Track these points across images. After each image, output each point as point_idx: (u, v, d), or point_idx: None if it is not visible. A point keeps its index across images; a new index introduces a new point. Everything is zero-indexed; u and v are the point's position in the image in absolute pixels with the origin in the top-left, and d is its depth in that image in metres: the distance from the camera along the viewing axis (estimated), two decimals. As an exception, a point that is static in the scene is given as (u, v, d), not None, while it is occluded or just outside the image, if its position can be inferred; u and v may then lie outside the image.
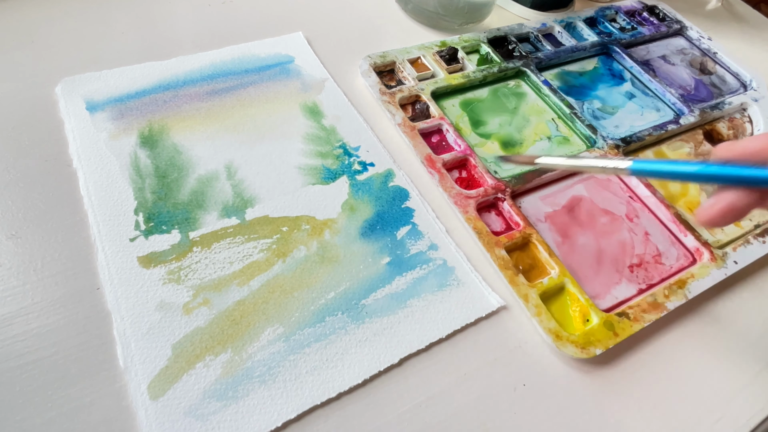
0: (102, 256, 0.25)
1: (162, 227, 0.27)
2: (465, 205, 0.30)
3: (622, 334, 0.26)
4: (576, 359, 0.25)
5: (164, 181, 0.29)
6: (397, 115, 0.34)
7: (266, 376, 0.23)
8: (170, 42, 0.36)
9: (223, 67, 0.35)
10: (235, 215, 0.28)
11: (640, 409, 0.24)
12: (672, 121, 0.38)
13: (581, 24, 0.45)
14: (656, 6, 0.49)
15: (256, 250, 0.27)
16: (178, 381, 0.22)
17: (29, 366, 0.22)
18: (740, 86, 0.43)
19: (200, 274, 0.25)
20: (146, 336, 0.23)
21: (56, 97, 0.31)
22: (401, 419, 0.23)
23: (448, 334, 0.25)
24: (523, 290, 0.27)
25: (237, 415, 0.22)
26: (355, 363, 0.24)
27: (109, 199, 0.27)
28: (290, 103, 0.34)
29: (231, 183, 0.29)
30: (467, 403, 0.23)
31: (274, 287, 0.25)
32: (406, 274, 0.27)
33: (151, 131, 0.31)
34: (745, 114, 0.40)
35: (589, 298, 0.27)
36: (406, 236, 0.28)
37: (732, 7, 0.52)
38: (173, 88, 0.33)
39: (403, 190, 0.31)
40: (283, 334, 0.24)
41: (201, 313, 0.24)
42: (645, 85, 0.41)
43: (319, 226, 0.28)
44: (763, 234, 0.32)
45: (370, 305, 0.26)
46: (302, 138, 0.32)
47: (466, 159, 0.33)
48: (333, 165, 0.31)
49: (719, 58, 0.45)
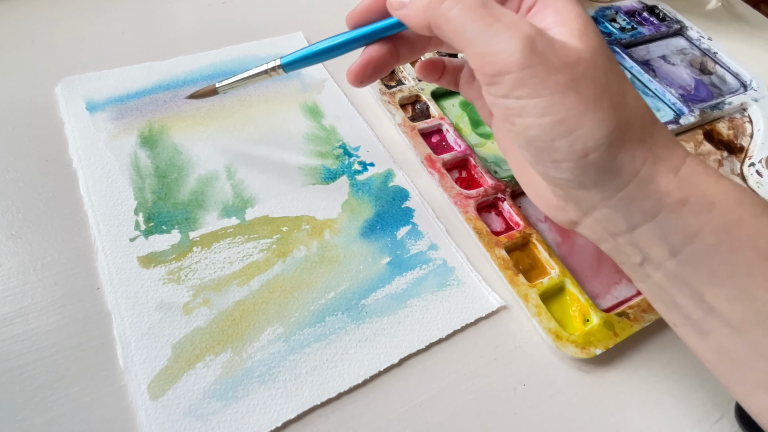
0: (102, 256, 0.25)
1: (162, 227, 0.27)
2: (465, 205, 0.30)
3: (622, 334, 0.26)
4: (576, 359, 0.25)
5: (164, 181, 0.29)
6: (397, 115, 0.34)
7: (266, 376, 0.23)
8: (170, 42, 0.36)
9: (223, 67, 0.35)
10: (235, 215, 0.28)
11: (640, 409, 0.24)
12: (672, 121, 0.38)
13: (581, 24, 0.45)
14: (656, 6, 0.49)
15: (256, 250, 0.27)
16: (178, 381, 0.22)
17: (29, 366, 0.22)
18: (740, 86, 0.43)
19: (200, 274, 0.25)
20: (146, 336, 0.23)
21: (56, 97, 0.31)
22: (401, 419, 0.23)
23: (448, 334, 0.25)
24: (523, 290, 0.27)
25: (237, 415, 0.22)
26: (355, 363, 0.24)
27: (109, 199, 0.27)
28: (290, 103, 0.34)
29: (231, 183, 0.29)
30: (467, 403, 0.23)
31: (274, 287, 0.25)
32: (406, 274, 0.27)
33: (151, 131, 0.31)
34: (745, 114, 0.40)
35: (589, 298, 0.27)
36: (406, 236, 0.28)
37: (732, 7, 0.52)
38: (173, 88, 0.33)
39: (403, 190, 0.31)
40: (283, 334, 0.24)
41: (201, 313, 0.24)
42: (645, 85, 0.41)
43: (319, 226, 0.28)
44: (763, 234, 0.32)
45: (370, 305, 0.26)
46: (302, 138, 0.32)
47: (466, 159, 0.33)
48: (333, 165, 0.31)
49: (719, 58, 0.45)
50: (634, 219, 0.20)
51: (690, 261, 0.19)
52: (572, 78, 0.18)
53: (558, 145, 0.19)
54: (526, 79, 0.18)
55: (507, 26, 0.18)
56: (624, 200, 0.19)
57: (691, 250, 0.19)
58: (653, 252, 0.20)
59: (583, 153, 0.18)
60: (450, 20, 0.19)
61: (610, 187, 0.19)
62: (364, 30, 0.23)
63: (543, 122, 0.18)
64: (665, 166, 0.19)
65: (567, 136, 0.18)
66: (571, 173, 0.19)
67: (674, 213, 0.19)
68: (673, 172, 0.19)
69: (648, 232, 0.20)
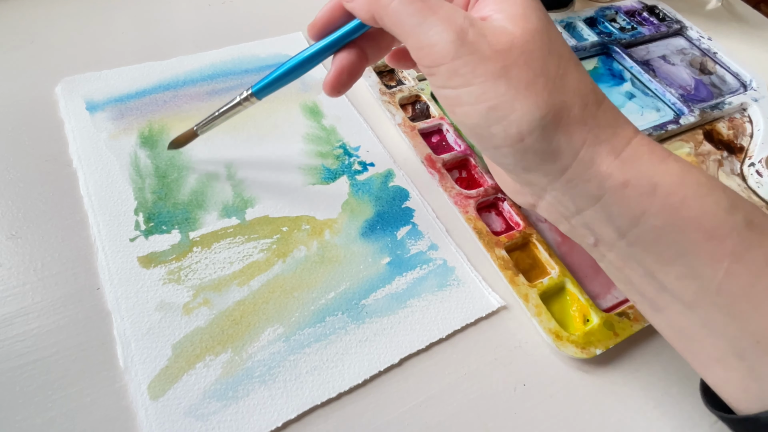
0: (102, 256, 0.25)
1: (162, 227, 0.27)
2: (465, 205, 0.30)
3: (622, 334, 0.26)
4: (576, 359, 0.25)
5: (164, 181, 0.29)
6: (397, 115, 0.34)
7: (266, 376, 0.23)
8: (170, 42, 0.36)
9: (223, 67, 0.35)
10: (235, 215, 0.28)
11: (640, 409, 0.24)
12: (672, 121, 0.38)
13: (581, 24, 0.45)
14: (656, 6, 0.49)
15: (256, 250, 0.27)
16: (178, 381, 0.22)
17: (29, 366, 0.22)
18: (740, 86, 0.43)
19: (200, 274, 0.25)
20: (146, 336, 0.23)
21: (56, 97, 0.31)
22: (401, 419, 0.23)
23: (448, 334, 0.25)
24: (523, 290, 0.27)
25: (237, 415, 0.22)
26: (356, 363, 0.24)
27: (109, 199, 0.27)
28: (290, 103, 0.34)
29: (231, 183, 0.29)
30: (467, 403, 0.23)
31: (274, 287, 0.25)
32: (406, 274, 0.27)
33: (151, 131, 0.31)
34: (745, 114, 0.40)
35: (590, 298, 0.27)
36: (406, 236, 0.28)
37: (732, 7, 0.52)
38: (173, 88, 0.33)
39: (403, 190, 0.31)
40: (283, 334, 0.24)
41: (201, 313, 0.24)
42: (645, 85, 0.41)
43: (319, 226, 0.28)
44: (763, 234, 0.32)
45: (371, 305, 0.26)
46: (302, 138, 0.32)
47: (466, 159, 0.33)
48: (333, 165, 0.31)
49: (719, 58, 0.45)
50: (580, 202, 0.20)
51: (638, 242, 0.19)
52: (503, 65, 0.18)
53: (494, 130, 0.19)
54: (458, 69, 0.19)
55: (440, 19, 0.19)
56: (569, 183, 0.20)
57: (638, 232, 0.19)
58: (603, 233, 0.20)
59: (519, 137, 0.19)
60: (390, 13, 0.19)
61: (552, 169, 0.20)
62: (328, 39, 0.23)
63: (478, 109, 0.19)
64: (606, 147, 0.19)
65: (501, 122, 0.19)
66: (512, 158, 0.20)
67: (617, 195, 0.19)
68: (614, 154, 0.19)
69: (594, 214, 0.20)
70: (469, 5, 0.21)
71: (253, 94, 0.25)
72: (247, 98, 0.25)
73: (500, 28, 0.19)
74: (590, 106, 0.19)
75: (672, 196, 0.18)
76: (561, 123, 0.19)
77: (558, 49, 0.19)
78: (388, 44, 0.24)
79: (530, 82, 0.18)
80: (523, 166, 0.20)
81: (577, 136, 0.19)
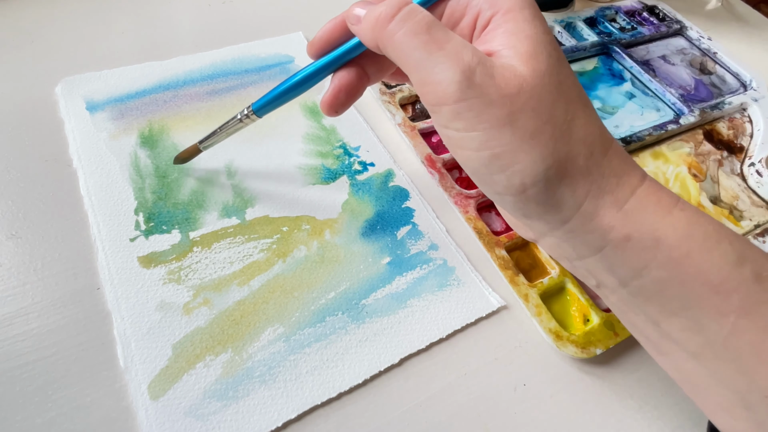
0: (102, 256, 0.25)
1: (162, 227, 0.27)
2: (465, 204, 0.30)
3: (623, 334, 0.26)
4: (576, 359, 0.25)
5: (164, 181, 0.29)
6: (397, 115, 0.34)
7: (266, 376, 0.23)
8: (170, 42, 0.36)
9: (223, 67, 0.35)
10: (235, 215, 0.28)
11: (640, 409, 0.24)
12: (672, 121, 0.38)
13: (581, 24, 0.45)
14: (656, 6, 0.49)
15: (256, 250, 0.27)
16: (179, 381, 0.22)
17: (29, 366, 0.22)
18: (740, 86, 0.43)
19: (200, 274, 0.25)
20: (146, 336, 0.23)
21: (56, 97, 0.31)
22: (401, 419, 0.23)
23: (449, 334, 0.25)
24: (523, 290, 0.27)
25: (237, 415, 0.22)
26: (356, 363, 0.24)
27: (109, 199, 0.27)
28: (290, 102, 0.34)
29: (231, 183, 0.29)
30: (467, 403, 0.23)
31: (275, 287, 0.25)
32: (406, 274, 0.27)
33: (152, 131, 0.31)
34: (745, 114, 0.40)
35: (590, 298, 0.27)
36: (406, 236, 0.28)
37: (732, 7, 0.52)
38: (173, 88, 0.33)
39: (403, 190, 0.31)
40: (283, 334, 0.24)
41: (201, 313, 0.24)
42: (645, 85, 0.41)
43: (319, 226, 0.28)
44: (762, 234, 0.32)
45: (371, 305, 0.26)
46: (302, 138, 0.32)
47: (466, 159, 0.33)
48: (333, 165, 0.31)
49: (719, 58, 0.45)
50: (582, 250, 0.19)
51: (640, 293, 0.19)
52: (510, 111, 0.17)
53: (497, 179, 0.18)
54: (462, 113, 0.18)
55: (447, 55, 0.17)
56: (570, 233, 0.19)
57: (640, 283, 0.19)
58: (605, 280, 0.20)
59: (521, 188, 0.18)
60: (395, 44, 0.18)
61: (553, 219, 0.19)
62: (328, 57, 0.22)
63: (480, 156, 0.18)
64: (610, 198, 0.18)
65: (504, 171, 0.18)
66: (514, 205, 0.19)
67: (618, 248, 0.18)
68: (617, 206, 0.18)
69: (596, 262, 0.19)
70: (474, 32, 0.20)
71: (254, 112, 0.25)
72: (247, 116, 0.25)
73: (509, 69, 0.18)
74: (596, 154, 0.18)
75: (676, 250, 0.18)
76: (565, 175, 0.18)
77: (567, 91, 0.18)
78: (390, 65, 0.23)
79: (536, 130, 0.17)
80: (524, 213, 0.20)
81: (580, 188, 0.18)
